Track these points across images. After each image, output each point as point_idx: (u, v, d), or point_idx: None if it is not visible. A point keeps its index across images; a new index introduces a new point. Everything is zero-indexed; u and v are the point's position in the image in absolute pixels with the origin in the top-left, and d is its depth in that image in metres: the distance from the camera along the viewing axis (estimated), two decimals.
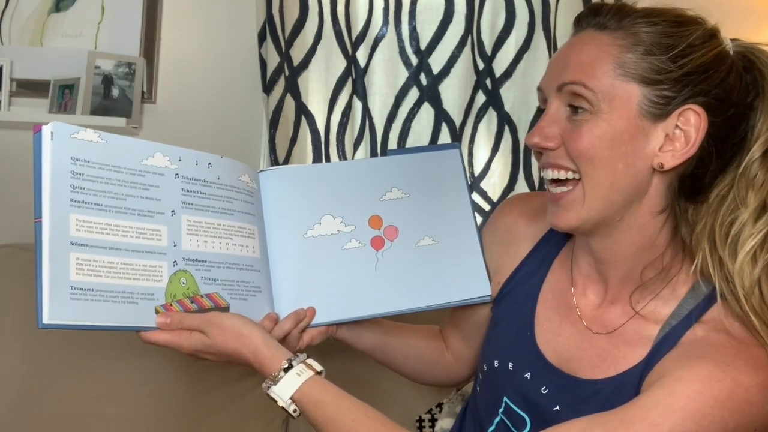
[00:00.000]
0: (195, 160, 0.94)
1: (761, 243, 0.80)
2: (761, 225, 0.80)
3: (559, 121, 0.86)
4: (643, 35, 0.82)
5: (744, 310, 0.79)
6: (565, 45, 0.89)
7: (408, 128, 1.77)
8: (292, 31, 1.70)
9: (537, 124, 0.88)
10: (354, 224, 1.03)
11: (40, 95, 1.85)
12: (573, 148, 0.84)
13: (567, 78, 0.84)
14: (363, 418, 0.84)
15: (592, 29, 0.86)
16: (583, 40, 0.86)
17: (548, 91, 0.88)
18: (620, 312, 0.90)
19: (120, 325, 0.85)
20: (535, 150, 0.90)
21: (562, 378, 0.90)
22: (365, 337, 1.09)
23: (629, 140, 0.82)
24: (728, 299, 0.81)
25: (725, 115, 0.82)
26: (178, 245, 0.90)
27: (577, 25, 0.90)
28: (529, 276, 1.00)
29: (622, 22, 0.84)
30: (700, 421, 0.74)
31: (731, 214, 0.82)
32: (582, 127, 0.83)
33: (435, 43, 1.75)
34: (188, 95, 1.89)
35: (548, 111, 0.87)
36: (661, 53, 0.81)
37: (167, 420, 1.44)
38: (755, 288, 0.79)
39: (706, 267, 0.82)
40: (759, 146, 0.83)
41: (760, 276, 0.79)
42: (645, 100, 0.82)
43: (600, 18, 0.86)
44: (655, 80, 0.81)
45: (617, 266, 0.90)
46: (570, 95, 0.85)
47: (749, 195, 0.82)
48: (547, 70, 0.90)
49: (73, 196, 0.83)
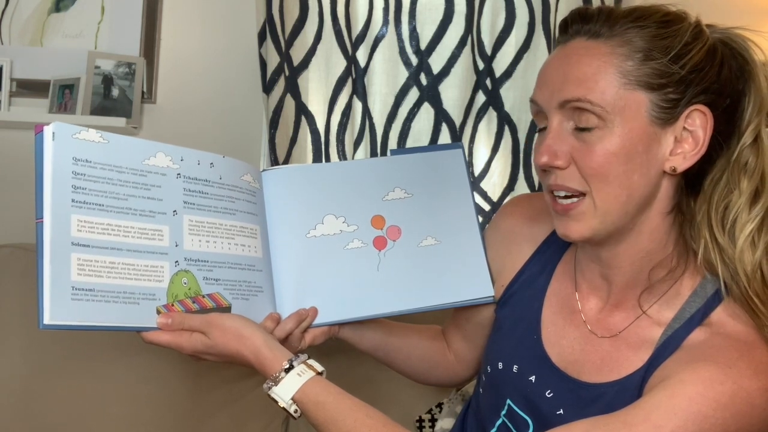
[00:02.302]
0: (197, 160, 0.94)
1: (759, 227, 0.81)
2: (758, 210, 0.81)
3: (566, 137, 0.83)
4: (637, 40, 0.81)
5: (747, 295, 0.79)
6: (558, 56, 0.86)
7: (408, 128, 1.76)
8: (292, 31, 1.69)
9: (543, 142, 0.85)
10: (356, 224, 1.03)
11: (40, 95, 1.84)
12: (586, 166, 0.82)
13: (569, 95, 0.82)
14: (364, 418, 0.84)
15: (584, 38, 0.83)
16: (578, 50, 0.83)
17: (548, 107, 0.85)
18: (624, 316, 0.90)
19: (121, 326, 0.84)
20: (540, 169, 0.87)
21: (566, 381, 0.90)
22: (367, 337, 1.09)
23: (644, 150, 0.81)
24: (730, 286, 0.81)
25: (723, 107, 0.82)
26: (180, 245, 0.90)
27: (564, 32, 0.86)
28: (533, 278, 1.00)
29: (613, 28, 0.82)
30: (702, 423, 0.74)
31: (725, 199, 0.82)
32: (595, 145, 0.81)
33: (435, 43, 1.75)
34: (188, 95, 1.88)
35: (551, 127, 0.84)
36: (660, 56, 0.80)
37: (167, 420, 1.43)
38: (757, 272, 0.80)
39: (709, 255, 0.82)
40: (750, 132, 0.83)
41: (761, 260, 0.80)
42: (653, 106, 0.81)
43: (591, 25, 0.83)
44: (660, 84, 0.80)
45: (624, 271, 0.89)
46: (574, 111, 0.82)
47: (743, 181, 0.82)
48: (540, 81, 0.87)
49: (74, 197, 0.83)
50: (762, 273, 0.80)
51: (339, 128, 1.75)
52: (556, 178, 0.85)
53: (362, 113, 1.73)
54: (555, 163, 0.83)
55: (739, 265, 0.80)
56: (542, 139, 0.85)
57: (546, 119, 0.86)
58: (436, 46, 1.75)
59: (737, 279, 0.80)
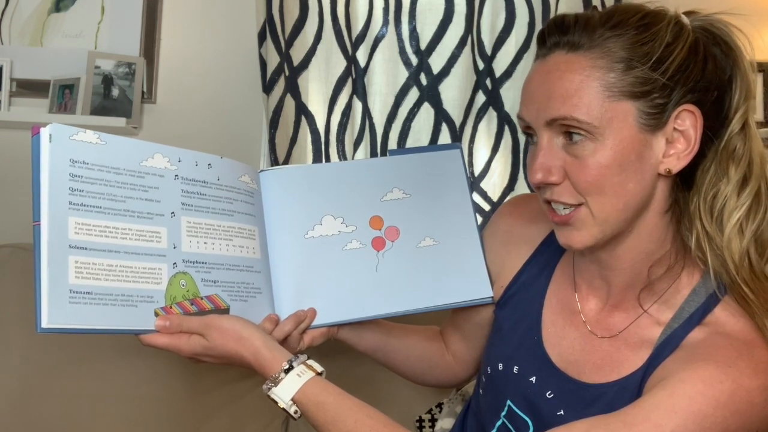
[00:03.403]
0: (195, 161, 0.93)
1: (746, 214, 0.81)
2: (745, 197, 0.81)
3: (557, 152, 0.83)
4: (617, 50, 0.79)
5: (736, 282, 0.79)
6: (540, 72, 0.84)
7: (408, 128, 1.76)
8: (292, 31, 1.69)
9: (535, 160, 0.84)
10: (355, 225, 1.03)
11: (40, 95, 1.85)
12: (581, 180, 0.81)
13: (555, 113, 0.81)
14: (365, 418, 0.84)
15: (564, 51, 0.82)
16: (559, 66, 0.81)
17: (535, 124, 0.84)
18: (623, 316, 0.90)
19: (119, 329, 0.84)
20: (536, 186, 0.86)
21: (567, 382, 0.90)
22: (366, 337, 1.09)
23: (636, 158, 0.80)
24: (720, 274, 0.81)
25: (711, 101, 0.82)
26: (178, 247, 0.90)
27: (542, 44, 0.85)
28: (532, 280, 1.00)
29: (592, 38, 0.80)
30: (702, 422, 0.74)
31: (713, 188, 0.82)
32: (587, 159, 0.80)
33: (435, 43, 1.75)
34: (188, 95, 1.89)
35: (542, 144, 0.83)
36: (641, 64, 0.79)
37: (167, 420, 1.44)
38: (744, 259, 0.80)
39: (700, 245, 0.82)
40: (738, 120, 0.82)
41: (748, 247, 0.80)
42: (641, 113, 0.80)
43: (569, 36, 0.81)
44: (644, 92, 0.79)
45: (623, 272, 0.89)
46: (561, 127, 0.81)
47: (731, 168, 0.81)
48: (525, 98, 0.85)
49: (71, 199, 0.82)
50: (750, 260, 0.80)
51: (339, 128, 1.75)
52: (551, 194, 0.85)
53: (362, 113, 1.73)
54: (549, 180, 0.83)
55: (727, 253, 0.80)
56: (534, 156, 0.85)
57: (536, 133, 0.85)
58: (436, 46, 1.75)
59: (726, 267, 0.80)
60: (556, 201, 0.84)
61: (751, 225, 0.80)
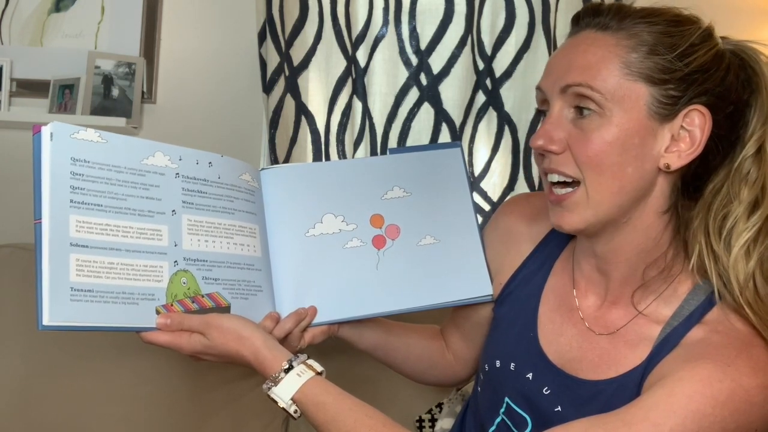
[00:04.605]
0: (195, 159, 0.94)
1: (755, 237, 0.81)
2: (755, 219, 0.81)
3: (564, 124, 0.85)
4: (645, 35, 0.82)
5: (738, 303, 0.80)
6: (566, 45, 0.88)
7: (408, 128, 1.76)
8: (292, 31, 1.69)
9: (541, 126, 0.87)
10: (355, 223, 1.03)
11: (40, 95, 1.85)
12: (581, 153, 0.83)
13: (571, 80, 0.83)
14: (364, 418, 0.84)
15: (593, 30, 0.85)
16: (586, 41, 0.85)
17: (551, 92, 0.86)
18: (622, 313, 0.90)
19: (120, 326, 0.84)
20: (537, 153, 0.89)
21: (564, 379, 0.90)
22: (366, 336, 1.09)
23: (639, 143, 0.82)
24: (723, 293, 0.82)
25: (725, 112, 0.83)
26: (179, 245, 0.90)
27: (575, 24, 0.89)
28: (530, 277, 1.00)
29: (622, 22, 0.84)
30: (700, 421, 0.74)
31: (724, 209, 0.83)
32: (591, 133, 0.82)
33: (435, 43, 1.74)
34: (188, 95, 1.89)
35: (552, 113, 0.86)
36: (665, 52, 0.81)
37: (167, 420, 1.44)
38: (749, 281, 0.80)
39: (702, 262, 0.83)
40: (753, 143, 0.83)
41: (754, 270, 0.80)
42: (653, 100, 0.81)
43: (601, 18, 0.85)
44: (661, 79, 0.81)
45: (620, 267, 0.89)
46: (575, 97, 0.84)
47: (743, 190, 0.82)
48: (547, 70, 0.89)
49: (72, 197, 0.83)
50: (755, 283, 0.80)
51: (339, 128, 1.75)
52: (550, 162, 0.86)
53: (362, 113, 1.73)
54: (549, 147, 0.85)
55: (732, 273, 0.80)
56: (542, 124, 0.87)
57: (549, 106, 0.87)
58: (436, 46, 1.74)
59: (730, 287, 0.81)
60: (553, 170, 0.86)
61: (759, 248, 0.81)
